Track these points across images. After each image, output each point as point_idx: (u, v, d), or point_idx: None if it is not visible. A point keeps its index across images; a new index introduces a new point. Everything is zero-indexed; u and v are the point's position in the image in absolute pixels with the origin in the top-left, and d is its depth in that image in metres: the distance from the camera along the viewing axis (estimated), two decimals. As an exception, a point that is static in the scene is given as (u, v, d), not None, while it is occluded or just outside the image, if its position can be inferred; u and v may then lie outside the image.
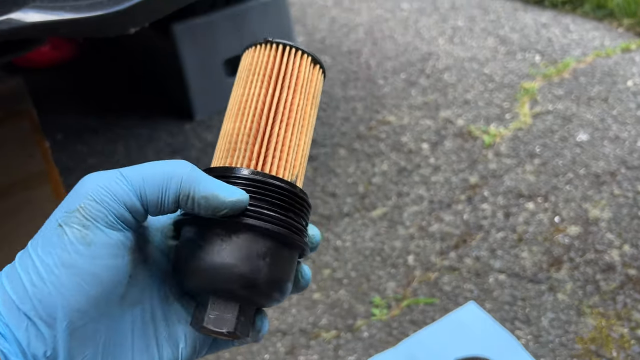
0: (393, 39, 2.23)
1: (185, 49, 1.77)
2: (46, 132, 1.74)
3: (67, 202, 0.32)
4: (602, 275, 1.19)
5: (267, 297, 0.34)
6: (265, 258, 0.33)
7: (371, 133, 1.72)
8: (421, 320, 1.16)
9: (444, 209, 1.42)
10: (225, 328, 0.32)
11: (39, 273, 0.30)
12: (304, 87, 0.38)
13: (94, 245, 0.31)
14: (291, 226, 0.34)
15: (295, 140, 0.37)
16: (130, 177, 0.33)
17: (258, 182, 0.34)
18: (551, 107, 1.72)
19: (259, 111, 0.37)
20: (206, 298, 0.34)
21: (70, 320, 0.30)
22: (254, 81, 0.38)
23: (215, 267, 0.32)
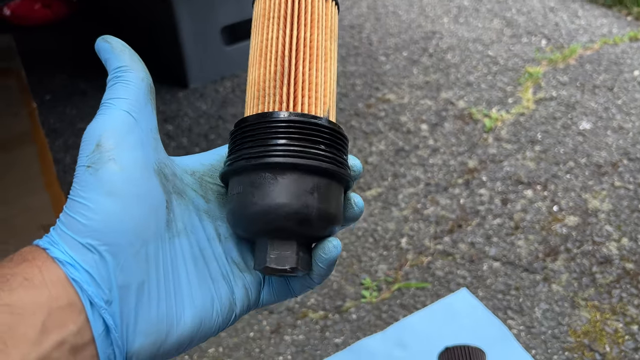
0: (397, 15, 2.16)
1: (181, 15, 1.70)
2: (34, 93, 1.68)
3: (83, 149, 0.33)
4: (599, 267, 1.17)
5: (321, 230, 0.35)
6: (314, 193, 0.34)
7: (370, 111, 1.68)
8: (412, 304, 1.14)
9: (441, 192, 1.38)
10: (288, 264, 0.34)
11: (88, 209, 0.31)
12: (320, 22, 0.38)
13: (125, 169, 0.33)
14: (333, 160, 0.35)
15: (320, 76, 0.38)
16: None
17: (295, 122, 0.35)
18: (555, 93, 1.68)
19: (280, 53, 0.37)
20: (264, 239, 0.35)
21: (128, 242, 0.32)
22: (270, 25, 0.38)
23: (268, 209, 0.34)
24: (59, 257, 0.31)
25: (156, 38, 1.92)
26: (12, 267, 0.30)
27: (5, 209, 1.27)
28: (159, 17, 1.79)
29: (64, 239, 0.31)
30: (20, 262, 0.30)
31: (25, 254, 0.31)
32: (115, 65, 0.37)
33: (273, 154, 0.34)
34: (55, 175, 1.37)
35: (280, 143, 0.35)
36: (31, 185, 1.33)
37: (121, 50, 0.37)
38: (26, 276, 0.30)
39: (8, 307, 0.28)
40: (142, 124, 0.35)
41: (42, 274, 0.30)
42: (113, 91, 0.35)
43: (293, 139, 0.35)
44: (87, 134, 0.34)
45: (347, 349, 1.06)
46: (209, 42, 1.79)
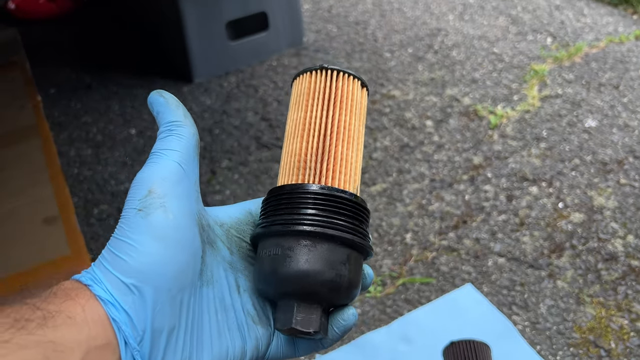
0: (402, 12, 2.16)
1: (187, 9, 1.70)
2: (39, 86, 1.68)
3: (134, 194, 0.35)
4: (604, 264, 1.16)
5: (344, 299, 0.38)
6: (346, 264, 0.37)
7: (375, 107, 1.68)
8: (416, 299, 1.13)
9: (445, 188, 1.38)
10: (312, 328, 0.36)
11: (136, 250, 0.33)
12: (354, 107, 0.42)
13: (174, 216, 0.34)
14: (360, 233, 0.38)
15: (353, 156, 0.41)
16: None
17: (329, 196, 0.38)
18: (560, 90, 1.68)
19: (322, 131, 0.41)
20: (291, 301, 0.37)
21: (168, 287, 0.33)
22: (313, 105, 0.42)
23: (305, 273, 0.36)
24: (101, 296, 0.32)
25: (161, 32, 1.91)
26: (58, 304, 0.31)
27: (11, 200, 1.27)
28: (165, 11, 1.79)
29: (107, 276, 0.32)
30: (64, 299, 0.31)
31: (69, 291, 0.32)
32: (169, 120, 0.38)
33: (311, 223, 0.37)
34: (59, 167, 1.37)
35: (314, 213, 0.37)
36: (36, 178, 1.33)
37: (176, 105, 0.39)
38: (69, 314, 0.31)
39: (52, 344, 0.29)
40: (190, 176, 0.37)
41: (85, 312, 0.31)
42: (166, 142, 0.37)
43: (326, 210, 0.37)
44: (139, 180, 0.36)
45: (351, 343, 1.06)
46: (214, 37, 1.79)
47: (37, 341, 0.29)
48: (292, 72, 1.85)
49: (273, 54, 1.92)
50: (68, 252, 1.17)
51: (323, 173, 0.39)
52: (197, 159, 0.38)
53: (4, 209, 1.27)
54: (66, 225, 1.21)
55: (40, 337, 0.29)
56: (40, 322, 0.29)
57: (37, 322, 0.29)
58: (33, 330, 0.29)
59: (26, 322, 0.29)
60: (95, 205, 1.41)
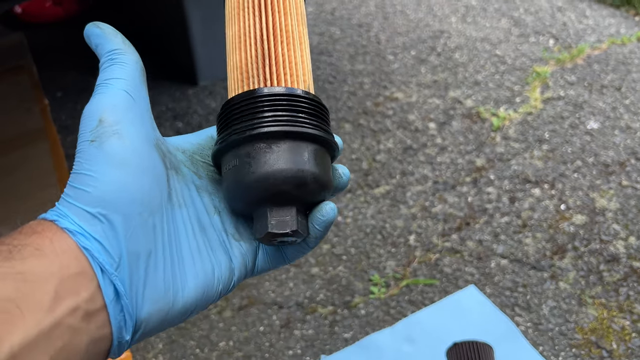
0: (405, 14, 2.17)
1: (192, 12, 1.72)
2: (46, 89, 1.70)
3: (85, 125, 0.34)
4: (606, 265, 1.17)
5: (316, 195, 0.37)
6: (308, 159, 0.36)
7: (378, 109, 1.69)
8: (420, 301, 1.15)
9: (449, 190, 1.39)
10: (289, 228, 0.35)
11: (96, 180, 0.32)
12: (291, 8, 0.41)
13: (130, 141, 0.33)
14: (320, 129, 0.37)
15: (298, 57, 0.40)
16: None
17: (281, 95, 0.37)
18: (563, 92, 1.69)
19: (258, 38, 0.40)
20: (263, 208, 0.36)
21: (137, 211, 0.32)
22: (246, 14, 0.41)
23: (266, 175, 0.35)
24: (68, 228, 0.31)
25: (166, 36, 1.93)
26: (23, 239, 0.30)
27: (19, 203, 1.29)
28: (170, 14, 1.81)
29: (72, 210, 0.32)
30: (30, 234, 0.31)
31: (35, 227, 0.31)
32: (110, 49, 0.37)
33: (265, 124, 0.36)
34: (67, 170, 1.38)
35: (270, 115, 0.36)
36: (44, 181, 1.35)
37: (113, 34, 0.38)
38: (37, 246, 0.30)
39: (21, 275, 0.28)
40: (140, 103, 0.36)
41: (53, 244, 0.30)
42: (109, 72, 0.36)
43: (281, 109, 0.36)
44: (87, 111, 0.35)
45: (356, 344, 1.08)
46: (219, 40, 1.80)
47: (4, 273, 0.28)
48: (296, 75, 1.87)
49: (277, 56, 1.94)
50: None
51: (267, 77, 0.38)
52: (145, 86, 0.37)
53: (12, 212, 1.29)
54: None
55: (7, 269, 0.28)
56: (5, 255, 0.29)
57: (3, 256, 0.29)
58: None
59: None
60: (103, 207, 1.42)
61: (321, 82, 1.82)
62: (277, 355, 1.08)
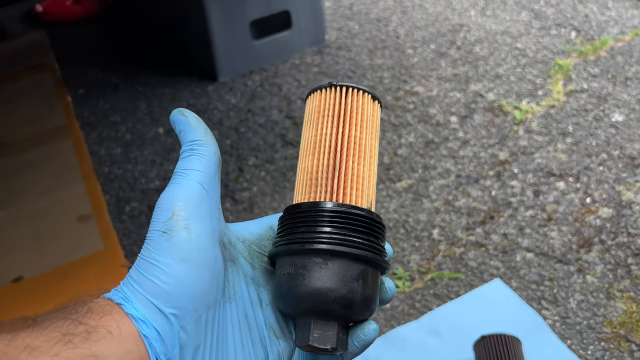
0: (423, 8, 2.16)
1: (212, 8, 1.72)
2: (68, 87, 1.71)
3: (158, 216, 0.36)
4: (634, 259, 1.16)
5: (360, 314, 0.38)
6: (359, 280, 0.37)
7: (398, 103, 1.68)
8: (445, 294, 1.14)
9: (472, 184, 1.38)
10: (329, 345, 0.37)
11: (163, 272, 0.34)
12: (367, 122, 0.43)
13: (197, 238, 0.36)
14: (375, 249, 0.39)
15: (366, 171, 0.41)
16: None
17: (343, 213, 0.39)
18: (586, 85, 1.67)
19: (333, 148, 0.41)
20: (307, 318, 0.38)
21: (194, 307, 0.35)
22: (324, 122, 0.42)
23: (317, 291, 0.37)
24: (132, 314, 0.34)
25: (186, 32, 1.94)
26: (97, 320, 0.33)
27: (45, 199, 1.30)
28: (189, 11, 1.81)
29: (137, 296, 0.34)
30: (101, 315, 0.33)
31: (104, 307, 0.34)
32: (191, 138, 0.39)
33: (324, 240, 0.37)
34: (91, 167, 1.40)
35: (329, 231, 0.38)
36: (69, 177, 1.37)
37: (197, 124, 0.40)
38: (109, 329, 0.33)
39: (95, 357, 0.31)
40: (211, 195, 0.38)
41: (120, 329, 0.33)
42: (187, 162, 0.38)
43: (340, 227, 0.38)
44: (162, 201, 0.37)
45: (381, 337, 1.07)
46: (238, 36, 1.81)
47: (82, 354, 0.31)
48: (315, 71, 1.87)
49: (296, 52, 1.94)
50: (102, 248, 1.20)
51: (334, 190, 0.40)
52: (218, 177, 0.39)
53: (38, 207, 1.30)
54: (99, 222, 1.24)
55: (84, 350, 0.31)
56: (84, 336, 0.32)
57: (81, 337, 0.31)
58: (78, 344, 0.31)
59: (72, 337, 0.31)
60: (127, 202, 1.44)
61: (340, 77, 1.82)
62: (302, 349, 1.08)
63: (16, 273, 1.11)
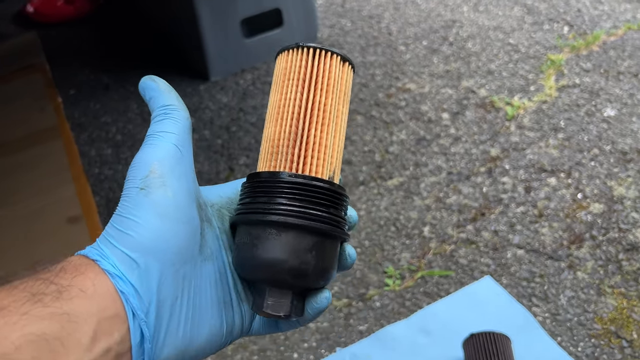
0: (415, 4, 2.15)
1: (202, 7, 1.71)
2: (59, 87, 1.71)
3: (136, 172, 0.37)
4: (625, 255, 1.16)
5: (315, 283, 0.39)
6: (312, 252, 0.38)
7: (390, 100, 1.68)
8: (435, 292, 1.14)
9: (463, 181, 1.38)
10: (282, 312, 0.38)
11: (140, 226, 0.35)
12: (335, 86, 0.41)
13: (174, 194, 0.36)
14: (332, 220, 0.39)
15: (330, 139, 0.40)
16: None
17: (300, 185, 0.38)
18: (578, 80, 1.66)
19: (295, 115, 0.40)
20: (263, 286, 0.39)
21: (171, 261, 0.35)
22: (289, 86, 0.41)
23: (269, 262, 0.37)
24: (109, 270, 0.34)
25: (177, 32, 1.93)
26: (69, 278, 0.33)
27: (35, 200, 1.30)
28: (180, 11, 1.81)
29: (114, 252, 0.34)
30: (75, 274, 0.33)
31: (78, 266, 0.34)
32: (163, 103, 0.40)
33: (278, 212, 0.38)
34: (81, 168, 1.39)
35: (285, 203, 0.38)
36: (59, 178, 1.36)
37: (168, 90, 0.41)
38: (81, 288, 0.33)
39: (67, 315, 0.31)
40: (186, 158, 0.39)
41: (95, 286, 0.33)
42: (162, 125, 0.39)
43: (297, 199, 0.38)
44: (139, 160, 0.37)
45: (371, 336, 1.07)
46: (229, 35, 1.80)
47: (53, 313, 0.31)
48: (307, 68, 1.86)
49: (288, 50, 1.93)
50: (92, 250, 1.20)
51: (295, 159, 0.40)
52: (191, 142, 0.40)
53: (28, 209, 1.30)
54: (89, 224, 1.24)
55: (55, 309, 0.31)
56: (55, 295, 0.32)
57: (52, 296, 0.31)
58: (49, 302, 0.31)
59: (42, 296, 0.31)
60: (117, 203, 1.43)
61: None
62: (292, 348, 1.08)
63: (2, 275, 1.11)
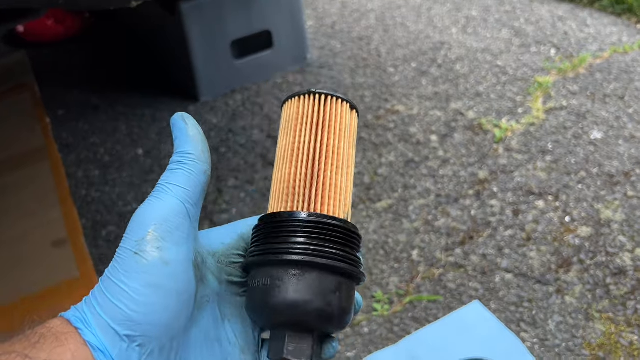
0: (405, 26, 2.17)
1: (192, 29, 1.72)
2: (48, 108, 1.70)
3: (132, 233, 0.34)
4: (613, 279, 1.16)
5: (336, 326, 0.38)
6: (336, 292, 0.37)
7: (379, 122, 1.68)
8: (424, 317, 1.13)
9: (451, 204, 1.38)
10: (304, 357, 0.36)
11: (130, 298, 0.32)
12: (345, 131, 0.42)
13: (171, 263, 0.33)
14: (351, 260, 0.38)
15: (343, 181, 0.41)
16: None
17: (319, 224, 0.38)
18: (565, 102, 1.68)
19: (311, 157, 0.40)
20: (282, 331, 0.37)
21: (158, 335, 0.33)
22: (302, 130, 0.41)
23: (294, 303, 0.36)
24: (91, 342, 0.32)
25: (167, 53, 1.94)
26: (47, 351, 0.31)
27: (21, 223, 1.28)
28: (170, 32, 1.81)
29: (98, 321, 0.32)
30: (54, 345, 0.31)
31: (59, 335, 0.32)
32: (184, 149, 0.37)
33: (300, 252, 0.36)
34: (68, 190, 1.38)
35: (306, 242, 0.37)
36: (46, 200, 1.35)
37: (194, 135, 0.37)
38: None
39: None
40: (192, 216, 0.36)
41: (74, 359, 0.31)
42: (174, 176, 0.36)
43: (317, 239, 0.37)
44: (138, 217, 0.34)
45: (359, 363, 1.06)
46: (219, 56, 1.81)
47: None
48: (297, 90, 1.87)
49: (278, 71, 1.94)
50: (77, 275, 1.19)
51: (312, 199, 0.39)
52: (202, 198, 0.37)
53: (14, 232, 1.28)
54: (75, 248, 1.23)
55: None
56: None
57: None
58: None
59: None
60: (104, 226, 1.42)
61: (322, 96, 1.82)
62: (279, 375, 1.06)
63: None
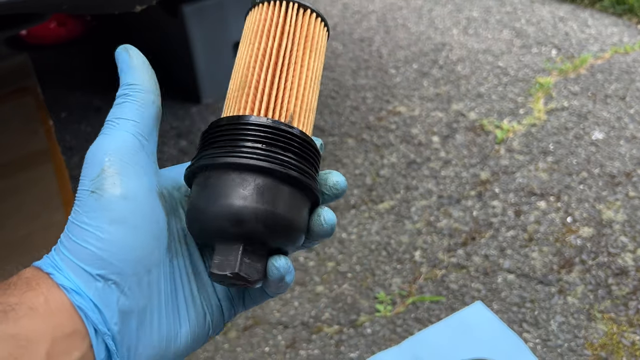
0: (406, 27, 2.18)
1: (194, 31, 1.73)
2: (51, 110, 1.71)
3: (87, 171, 0.32)
4: (615, 279, 1.16)
5: (270, 237, 0.33)
6: (253, 194, 0.32)
7: (381, 123, 1.69)
8: (426, 318, 1.14)
9: (453, 205, 1.38)
10: (228, 270, 0.32)
11: (95, 237, 0.31)
12: (307, 40, 0.39)
13: (131, 197, 0.32)
14: (286, 163, 0.33)
15: (306, 95, 0.38)
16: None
17: (271, 128, 0.34)
18: (566, 103, 1.68)
19: (266, 63, 0.37)
20: (214, 245, 0.33)
21: (133, 271, 0.31)
22: (262, 36, 0.39)
23: (206, 211, 0.32)
24: (64, 284, 0.30)
25: (169, 54, 1.94)
26: (18, 295, 0.30)
27: (25, 226, 1.29)
28: (172, 33, 1.82)
29: (69, 265, 0.31)
30: (25, 290, 0.30)
31: (29, 280, 0.31)
32: (129, 81, 0.35)
33: (213, 155, 0.33)
34: (72, 193, 1.39)
35: (243, 145, 0.33)
36: (51, 203, 1.35)
37: (139, 65, 0.36)
38: (31, 305, 0.29)
39: (14, 337, 0.28)
40: (147, 148, 0.34)
41: (48, 303, 0.30)
42: (122, 110, 0.34)
43: (261, 142, 0.33)
44: (91, 155, 0.33)
45: (362, 364, 1.06)
46: (221, 58, 1.81)
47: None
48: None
49: (279, 73, 1.94)
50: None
51: (271, 106, 0.36)
52: (157, 128, 0.35)
53: (18, 235, 1.29)
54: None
55: (0, 332, 0.28)
56: (0, 317, 0.28)
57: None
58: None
59: None
60: (107, 228, 1.42)
61: (324, 98, 1.82)
62: (283, 376, 1.07)
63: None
